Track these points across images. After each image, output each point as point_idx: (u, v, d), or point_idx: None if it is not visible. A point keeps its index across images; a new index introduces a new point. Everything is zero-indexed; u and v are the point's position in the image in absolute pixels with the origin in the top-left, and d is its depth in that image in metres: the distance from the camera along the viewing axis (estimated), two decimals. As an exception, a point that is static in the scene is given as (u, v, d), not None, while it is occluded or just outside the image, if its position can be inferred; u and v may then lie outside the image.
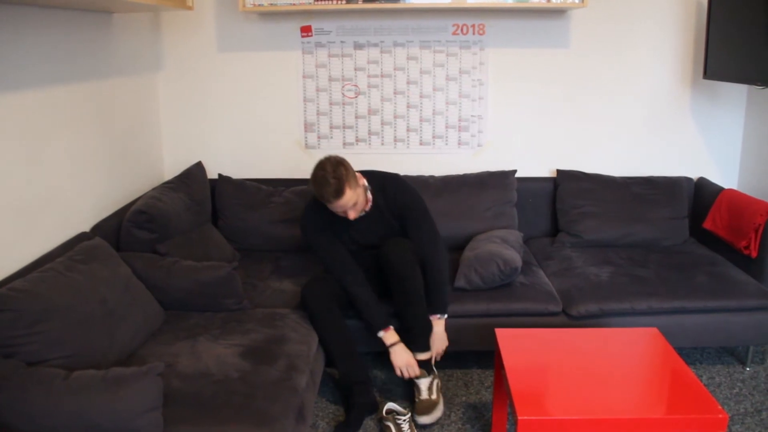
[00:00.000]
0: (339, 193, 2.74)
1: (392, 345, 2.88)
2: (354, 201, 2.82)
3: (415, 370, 2.88)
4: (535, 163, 3.99)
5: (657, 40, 3.83)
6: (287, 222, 3.63)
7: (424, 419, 2.83)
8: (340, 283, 2.93)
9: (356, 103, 3.93)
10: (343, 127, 3.96)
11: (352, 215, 2.85)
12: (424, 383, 2.90)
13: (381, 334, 2.88)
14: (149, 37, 3.72)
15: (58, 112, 2.77)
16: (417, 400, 2.89)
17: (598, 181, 3.82)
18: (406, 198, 3.04)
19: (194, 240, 3.23)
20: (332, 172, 2.74)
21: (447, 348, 3.03)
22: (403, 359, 2.87)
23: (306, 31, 3.82)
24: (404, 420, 2.76)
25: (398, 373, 2.88)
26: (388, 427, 2.76)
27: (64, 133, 2.82)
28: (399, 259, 2.89)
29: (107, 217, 3.09)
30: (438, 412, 2.88)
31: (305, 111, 3.95)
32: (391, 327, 2.90)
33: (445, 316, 2.99)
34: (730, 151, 3.97)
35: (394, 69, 3.87)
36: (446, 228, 3.34)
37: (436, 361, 3.00)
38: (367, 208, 2.99)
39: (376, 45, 3.83)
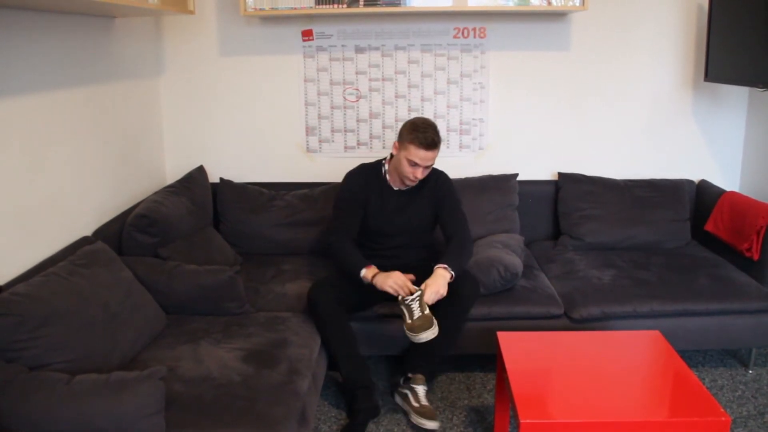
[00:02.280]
0: (436, 144, 2.91)
1: (375, 275, 2.86)
2: (433, 162, 2.98)
3: (407, 288, 2.79)
4: (537, 166, 3.99)
5: (658, 42, 3.83)
6: (289, 225, 3.63)
7: (430, 424, 2.81)
8: (328, 242, 3.03)
9: (357, 107, 3.93)
10: (345, 131, 3.97)
11: (420, 175, 2.96)
12: (422, 390, 2.90)
13: (363, 272, 2.87)
14: (151, 42, 3.73)
15: (59, 117, 2.77)
16: (417, 404, 2.87)
17: (600, 183, 3.82)
18: (448, 189, 3.15)
19: (196, 244, 3.23)
20: (434, 126, 2.93)
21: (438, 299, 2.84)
22: (390, 279, 2.81)
23: (307, 35, 3.83)
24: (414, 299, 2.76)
25: (393, 291, 2.80)
26: (405, 394, 2.88)
27: (66, 138, 2.83)
28: (468, 296, 2.94)
29: (109, 222, 3.09)
30: (438, 422, 2.87)
31: (306, 115, 3.95)
32: (373, 265, 2.90)
33: (452, 274, 2.87)
34: (732, 154, 3.97)
35: (395, 72, 3.88)
36: (448, 231, 3.33)
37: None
38: (413, 184, 3.05)
39: (377, 48, 3.84)
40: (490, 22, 3.79)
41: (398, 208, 3.10)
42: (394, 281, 2.81)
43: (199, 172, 3.76)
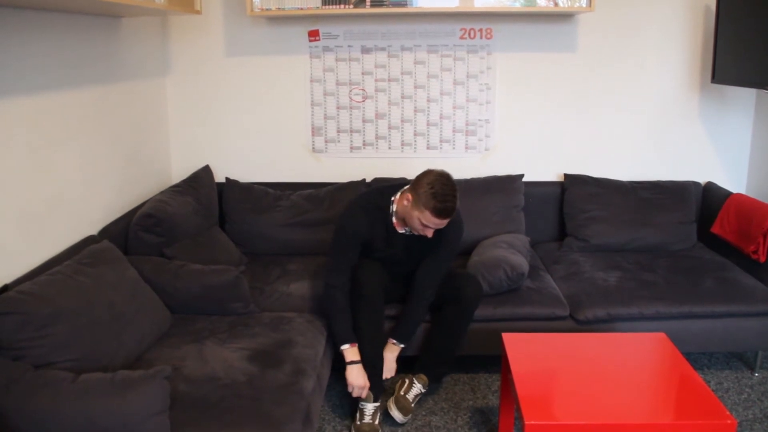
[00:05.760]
0: (453, 211, 2.69)
1: (353, 362, 2.81)
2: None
3: (365, 393, 2.84)
4: (543, 167, 3.99)
5: (665, 43, 3.82)
6: (294, 226, 3.63)
7: (397, 415, 2.88)
8: (327, 282, 2.86)
9: (363, 107, 3.93)
10: (351, 131, 3.97)
11: (431, 234, 2.77)
12: (369, 408, 2.87)
13: (346, 347, 2.82)
14: (157, 42, 3.74)
15: (66, 117, 2.78)
16: (359, 422, 2.84)
17: (606, 185, 3.81)
18: (450, 235, 2.91)
19: (201, 244, 3.24)
20: (454, 193, 2.67)
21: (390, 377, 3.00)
22: (360, 380, 2.80)
23: (314, 35, 3.83)
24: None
25: (350, 389, 2.82)
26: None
27: (73, 137, 2.84)
28: (471, 298, 2.94)
29: (115, 221, 3.10)
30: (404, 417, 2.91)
31: (312, 115, 3.95)
32: (356, 344, 2.85)
33: (402, 346, 3.00)
34: (739, 156, 3.96)
35: (402, 73, 3.88)
36: (453, 232, 3.32)
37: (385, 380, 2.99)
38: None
39: (383, 49, 3.84)
40: (497, 23, 3.79)
41: (405, 248, 2.95)
42: (357, 382, 2.80)
43: (205, 171, 3.76)
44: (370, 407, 2.85)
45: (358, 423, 2.82)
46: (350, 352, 2.82)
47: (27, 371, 1.99)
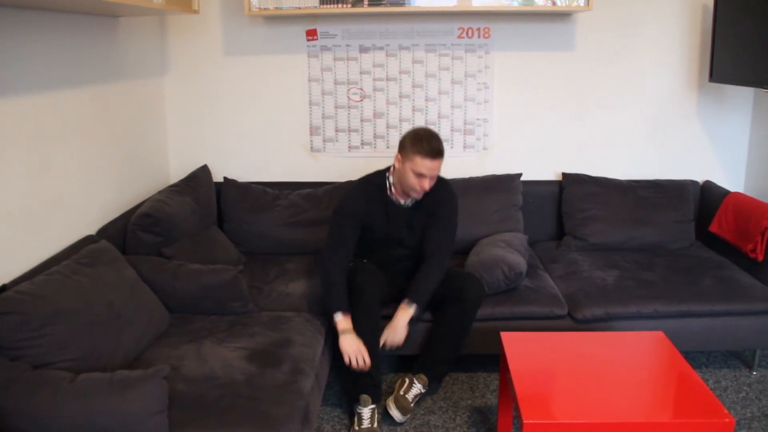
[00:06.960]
0: (441, 153, 2.82)
1: (345, 331, 2.79)
2: (438, 172, 2.88)
3: (366, 360, 2.77)
4: (541, 166, 3.99)
5: (663, 42, 3.82)
6: (293, 225, 3.64)
7: (396, 413, 2.87)
8: (323, 257, 2.91)
9: (362, 107, 3.93)
10: (349, 131, 3.97)
11: (428, 186, 2.85)
12: (366, 412, 2.83)
13: (339, 317, 2.81)
14: (155, 41, 3.74)
15: (64, 116, 2.78)
16: (357, 428, 2.80)
17: (604, 184, 3.81)
18: (445, 200, 3.02)
19: (200, 243, 3.24)
20: (438, 136, 2.84)
21: (397, 346, 2.93)
22: (354, 346, 2.76)
23: (311, 34, 3.83)
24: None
25: (346, 360, 2.77)
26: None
27: (71, 137, 2.83)
28: (474, 297, 2.95)
29: (113, 221, 3.10)
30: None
31: (311, 114, 3.95)
32: (350, 315, 2.83)
33: (415, 307, 2.89)
34: (737, 154, 3.97)
35: (400, 72, 3.87)
36: (451, 231, 3.33)
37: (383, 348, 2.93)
38: (419, 196, 2.94)
39: (381, 48, 3.84)
40: (495, 22, 3.79)
41: (405, 223, 3.02)
42: (351, 348, 2.76)
43: (203, 171, 3.76)
44: (366, 411, 2.83)
45: (357, 428, 2.80)
46: (344, 320, 2.82)
47: (26, 371, 1.99)
